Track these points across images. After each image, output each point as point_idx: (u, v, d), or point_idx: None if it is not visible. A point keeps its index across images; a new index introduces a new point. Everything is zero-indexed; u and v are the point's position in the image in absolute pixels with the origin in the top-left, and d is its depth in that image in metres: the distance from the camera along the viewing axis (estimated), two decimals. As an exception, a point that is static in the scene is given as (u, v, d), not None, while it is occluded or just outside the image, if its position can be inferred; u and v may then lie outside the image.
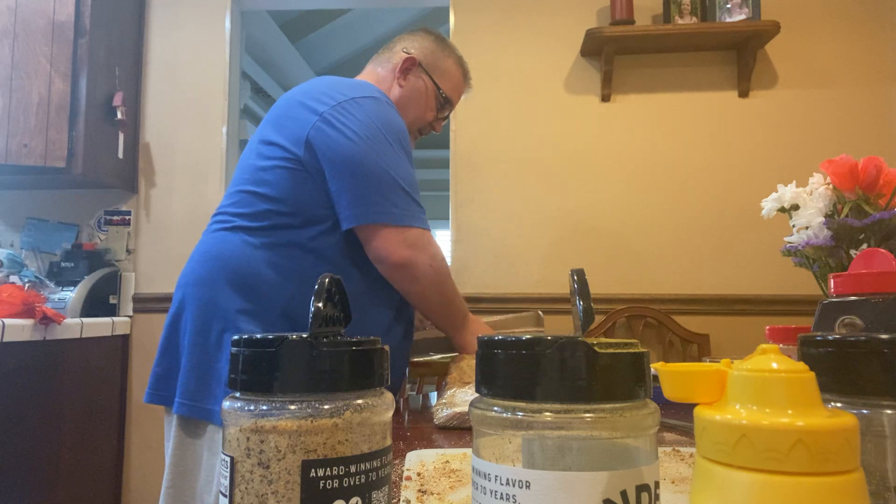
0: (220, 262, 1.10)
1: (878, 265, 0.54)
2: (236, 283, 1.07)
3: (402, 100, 1.28)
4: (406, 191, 1.09)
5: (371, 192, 1.06)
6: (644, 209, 2.42)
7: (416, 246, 1.08)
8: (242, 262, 1.08)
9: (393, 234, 1.07)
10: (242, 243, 1.10)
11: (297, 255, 1.09)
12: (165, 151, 2.54)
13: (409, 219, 1.08)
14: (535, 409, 0.28)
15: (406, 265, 1.08)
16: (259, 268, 1.08)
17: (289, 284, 1.08)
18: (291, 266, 1.08)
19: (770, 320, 2.29)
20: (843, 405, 0.35)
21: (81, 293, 2.26)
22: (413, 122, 1.30)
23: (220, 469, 0.32)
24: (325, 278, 0.35)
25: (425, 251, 1.09)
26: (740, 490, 0.28)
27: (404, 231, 1.08)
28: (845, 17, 2.44)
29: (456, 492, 0.60)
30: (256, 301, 1.07)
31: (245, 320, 1.06)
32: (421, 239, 1.09)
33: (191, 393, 1.06)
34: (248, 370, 0.32)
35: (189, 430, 1.08)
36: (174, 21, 2.58)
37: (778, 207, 0.95)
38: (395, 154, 1.09)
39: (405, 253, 1.07)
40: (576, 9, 2.50)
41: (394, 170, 1.08)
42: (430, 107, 1.31)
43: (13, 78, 2.18)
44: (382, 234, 1.07)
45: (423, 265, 1.09)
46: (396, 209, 1.07)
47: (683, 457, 0.74)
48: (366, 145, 1.07)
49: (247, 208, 1.12)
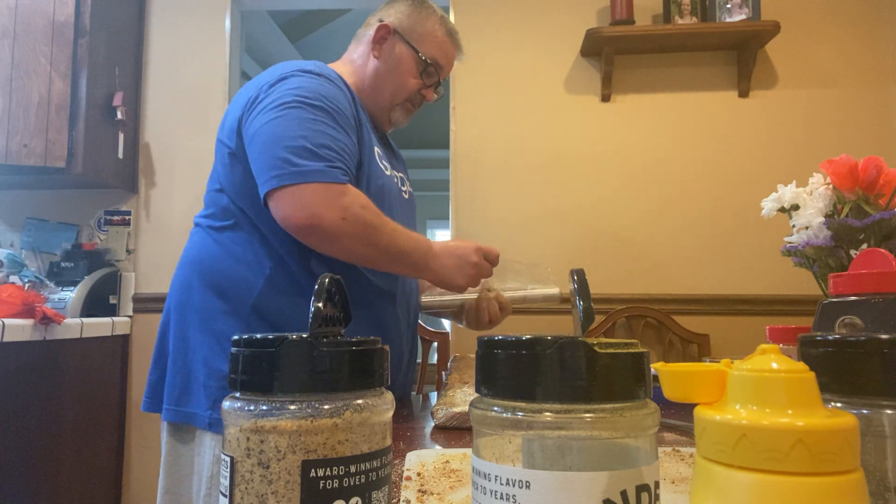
0: (194, 264, 1.11)
1: (878, 265, 0.54)
2: (209, 282, 1.08)
3: (379, 71, 1.21)
4: (307, 148, 0.98)
5: (266, 158, 0.99)
6: (644, 209, 2.42)
7: (316, 203, 0.96)
8: (212, 261, 1.09)
9: (287, 195, 0.96)
10: (211, 242, 1.10)
11: (256, 247, 1.07)
12: (165, 151, 2.54)
13: (305, 175, 0.96)
14: (535, 409, 0.28)
15: (311, 226, 0.97)
16: (226, 265, 1.07)
17: (254, 278, 1.06)
18: (255, 259, 1.07)
19: (770, 320, 2.29)
20: (843, 405, 0.35)
21: (81, 293, 2.26)
22: (396, 93, 1.22)
23: (220, 469, 0.32)
24: (324, 278, 0.35)
25: (332, 206, 0.96)
26: (740, 490, 0.28)
27: (300, 189, 0.96)
28: (845, 17, 2.44)
29: (456, 492, 0.60)
30: (228, 299, 1.06)
31: (222, 319, 1.05)
32: (323, 194, 0.96)
33: (175, 398, 1.06)
34: (248, 370, 0.32)
35: (178, 436, 1.07)
36: (174, 21, 2.58)
37: (778, 207, 0.95)
38: (304, 115, 1.00)
39: (304, 213, 0.96)
40: (576, 9, 2.50)
41: (293, 130, 0.98)
42: (411, 74, 1.22)
43: (13, 78, 2.18)
44: (278, 198, 0.97)
45: (332, 221, 0.96)
46: (290, 167, 0.96)
47: (683, 457, 0.74)
48: (269, 116, 1.00)
49: (211, 207, 1.13)
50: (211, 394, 1.02)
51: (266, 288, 1.06)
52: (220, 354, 1.04)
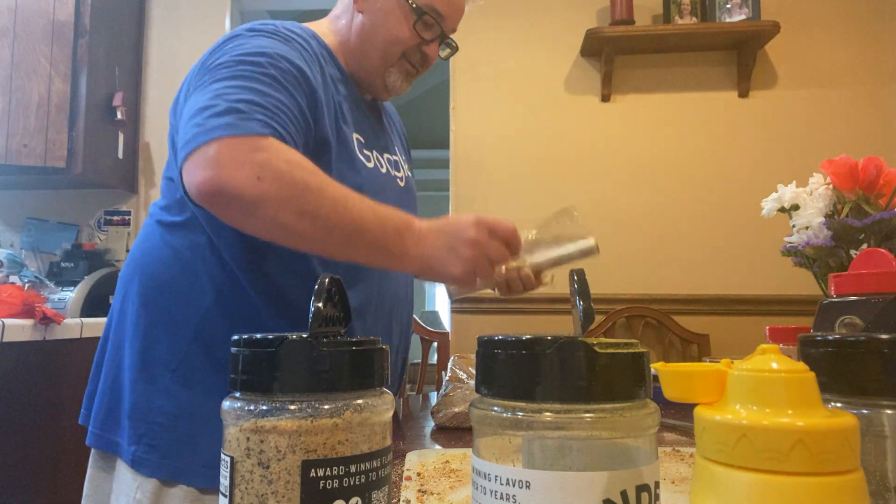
0: (136, 263, 0.91)
1: (878, 265, 0.54)
2: (150, 288, 0.87)
3: (364, 28, 0.97)
4: (222, 107, 0.74)
5: (182, 129, 0.77)
6: (644, 209, 2.42)
7: (223, 162, 0.71)
8: (157, 264, 0.88)
9: (191, 161, 0.73)
10: (158, 239, 0.89)
11: (206, 254, 0.85)
12: (165, 151, 2.54)
13: (209, 132, 0.72)
14: (535, 409, 0.28)
15: (216, 191, 0.71)
16: (171, 272, 0.86)
17: (202, 293, 0.85)
18: (204, 269, 0.85)
19: (770, 320, 2.29)
20: (843, 405, 0.35)
21: (81, 293, 2.26)
22: (386, 52, 0.97)
23: (220, 469, 0.32)
24: (324, 278, 0.35)
25: (243, 163, 0.71)
26: (740, 490, 0.28)
27: (204, 149, 0.72)
28: (845, 17, 2.44)
29: (456, 492, 0.60)
30: (168, 315, 0.85)
31: (158, 343, 0.84)
32: (232, 150, 0.71)
33: (100, 421, 0.88)
34: (248, 370, 0.32)
35: (101, 466, 0.90)
36: (174, 21, 2.58)
37: (778, 207, 0.94)
38: (231, 78, 0.78)
39: (207, 174, 0.71)
40: (576, 9, 2.50)
41: (210, 90, 0.77)
42: (401, 25, 0.96)
43: (13, 78, 2.18)
44: (185, 169, 0.74)
45: (243, 181, 0.70)
46: (198, 128, 0.73)
47: (683, 457, 0.74)
48: (195, 84, 0.81)
49: (164, 199, 0.92)
50: (135, 427, 0.83)
51: (215, 307, 0.84)
52: (147, 383, 0.84)
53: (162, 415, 0.82)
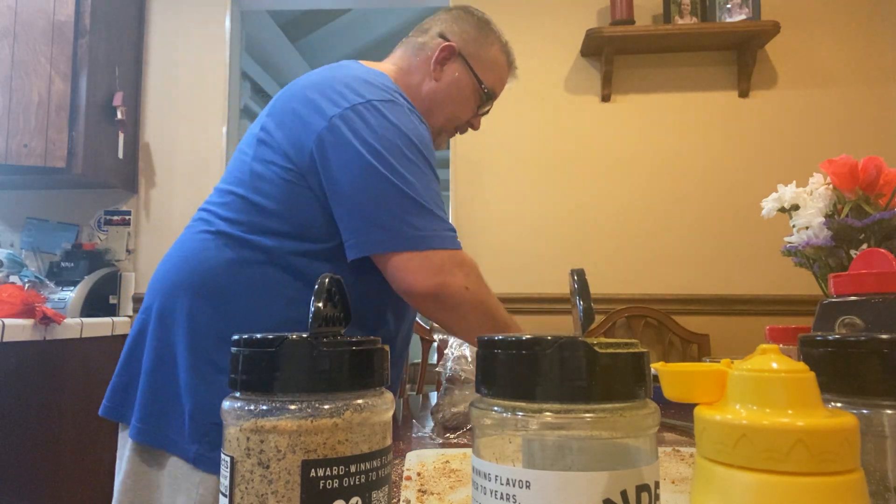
0: (195, 273, 0.95)
1: (878, 265, 0.54)
2: (216, 298, 0.93)
3: (436, 95, 1.09)
4: (427, 208, 0.92)
5: (382, 213, 0.90)
6: (644, 209, 2.42)
7: (444, 270, 0.91)
8: (219, 275, 0.93)
9: (415, 261, 0.90)
10: (221, 254, 0.94)
11: (281, 279, 0.93)
12: (165, 151, 2.54)
13: (431, 240, 0.91)
14: (535, 409, 0.28)
15: (437, 294, 0.91)
16: (233, 288, 0.93)
17: (262, 316, 0.92)
18: (271, 294, 0.93)
19: (770, 320, 2.29)
20: (843, 405, 0.35)
21: (81, 293, 2.26)
22: (448, 121, 1.12)
23: (220, 469, 0.32)
24: (325, 278, 0.35)
25: (457, 274, 0.92)
26: (740, 490, 0.28)
27: (428, 256, 0.91)
28: (845, 16, 2.44)
29: (456, 492, 0.60)
30: (233, 325, 0.91)
31: (218, 345, 0.91)
32: (450, 261, 0.92)
33: (149, 418, 0.92)
34: (248, 370, 0.32)
35: (146, 459, 0.93)
36: (174, 21, 2.58)
37: (778, 207, 0.94)
38: (414, 166, 0.93)
39: (433, 281, 0.90)
40: (576, 9, 2.50)
41: (410, 186, 0.91)
42: (469, 104, 1.11)
43: (13, 78, 2.18)
44: (402, 262, 0.90)
45: (457, 290, 0.92)
46: (415, 231, 0.90)
47: (683, 457, 0.74)
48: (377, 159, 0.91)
49: (236, 214, 0.96)
50: (198, 427, 0.89)
51: (285, 322, 0.93)
52: (211, 385, 0.90)
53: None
